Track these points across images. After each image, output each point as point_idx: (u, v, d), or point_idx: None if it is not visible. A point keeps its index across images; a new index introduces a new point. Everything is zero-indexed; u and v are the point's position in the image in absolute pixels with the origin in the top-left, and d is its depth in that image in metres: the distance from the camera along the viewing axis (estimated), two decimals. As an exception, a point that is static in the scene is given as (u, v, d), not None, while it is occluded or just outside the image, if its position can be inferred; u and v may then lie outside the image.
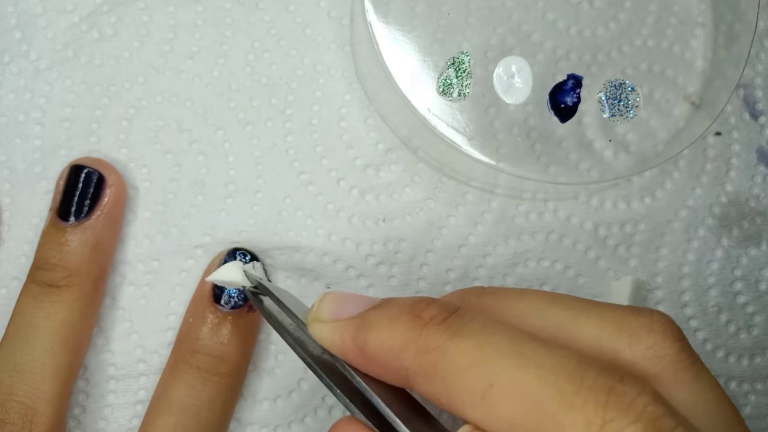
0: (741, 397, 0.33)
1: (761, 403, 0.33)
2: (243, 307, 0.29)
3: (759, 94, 0.34)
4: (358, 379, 0.21)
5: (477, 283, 0.32)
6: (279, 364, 0.31)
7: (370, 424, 0.20)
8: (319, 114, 0.33)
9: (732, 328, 0.33)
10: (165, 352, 0.31)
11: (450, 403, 0.18)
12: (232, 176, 0.33)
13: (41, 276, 0.29)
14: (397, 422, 0.19)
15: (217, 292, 0.29)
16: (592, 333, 0.20)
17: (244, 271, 0.28)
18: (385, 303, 0.21)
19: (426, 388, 0.19)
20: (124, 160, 0.32)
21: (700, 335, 0.33)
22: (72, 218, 0.29)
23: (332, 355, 0.22)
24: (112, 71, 0.33)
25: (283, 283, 0.32)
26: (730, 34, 0.32)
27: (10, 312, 0.29)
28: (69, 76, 0.33)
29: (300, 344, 0.23)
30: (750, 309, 0.33)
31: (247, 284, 0.28)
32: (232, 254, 0.30)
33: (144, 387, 0.31)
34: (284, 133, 0.33)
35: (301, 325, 0.23)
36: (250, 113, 0.33)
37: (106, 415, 0.31)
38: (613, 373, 0.17)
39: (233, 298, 0.29)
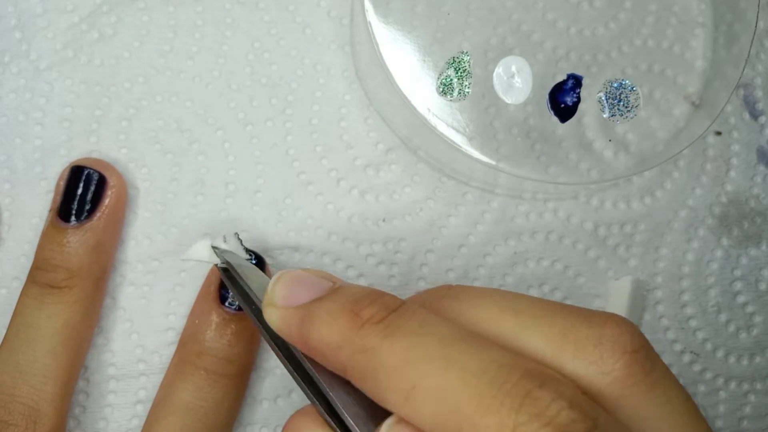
0: (741, 396, 0.33)
1: (761, 403, 0.33)
2: None
3: (759, 94, 0.34)
4: (308, 364, 0.21)
5: (477, 284, 0.32)
6: (279, 364, 0.31)
7: (323, 411, 0.20)
8: (319, 114, 0.33)
9: (732, 328, 0.33)
10: (165, 352, 0.31)
11: (381, 401, 0.19)
12: (232, 176, 0.33)
13: (42, 277, 0.29)
14: (339, 408, 0.20)
15: (223, 293, 0.29)
16: (538, 344, 0.20)
17: (213, 248, 0.28)
18: (330, 295, 0.21)
19: (360, 385, 0.19)
20: (124, 160, 0.32)
21: (700, 335, 0.33)
22: (73, 219, 0.29)
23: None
24: (112, 71, 0.33)
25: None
26: (730, 34, 0.32)
27: (10, 312, 0.29)
28: (69, 76, 0.33)
29: (264, 325, 0.23)
30: (750, 309, 0.33)
31: (216, 261, 0.27)
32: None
33: (144, 387, 0.31)
34: (284, 133, 0.33)
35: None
36: (250, 113, 0.33)
37: (106, 414, 0.31)
38: (534, 378, 0.17)
39: None
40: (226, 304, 0.29)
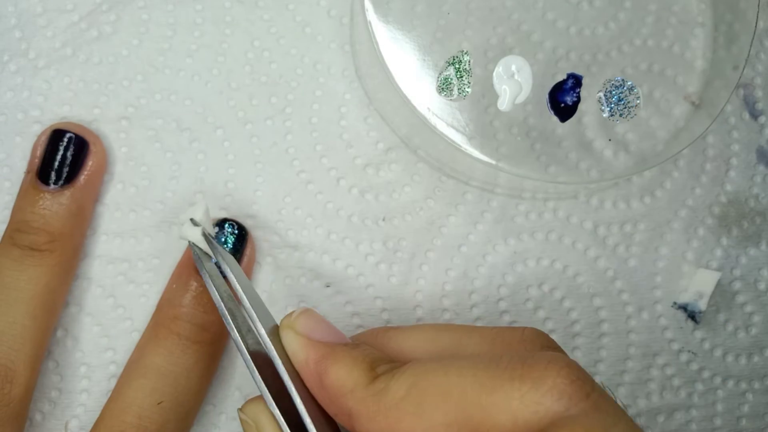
0: (739, 396, 0.33)
1: (759, 403, 0.33)
2: None
3: (759, 93, 0.34)
4: (290, 384, 0.23)
5: (477, 282, 0.32)
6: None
7: (278, 414, 0.23)
8: (319, 113, 0.33)
9: (730, 328, 0.33)
10: (165, 351, 0.31)
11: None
12: (232, 174, 0.33)
13: (23, 239, 0.29)
14: (304, 414, 0.22)
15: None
16: (473, 348, 0.24)
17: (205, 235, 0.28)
18: (351, 345, 0.23)
19: (368, 426, 0.21)
20: (123, 159, 0.32)
21: (698, 334, 0.33)
22: (54, 182, 0.29)
23: (273, 353, 0.24)
24: (111, 69, 0.33)
25: (282, 282, 0.32)
26: (730, 34, 0.32)
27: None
28: (67, 74, 0.33)
29: (232, 315, 0.25)
30: (749, 308, 0.33)
31: (203, 246, 0.28)
32: (220, 224, 0.30)
33: (144, 385, 0.31)
34: (284, 131, 0.33)
35: (248, 309, 0.25)
36: (249, 112, 0.33)
37: (106, 413, 0.31)
38: (524, 352, 0.21)
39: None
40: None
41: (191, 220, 0.28)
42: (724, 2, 0.32)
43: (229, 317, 0.25)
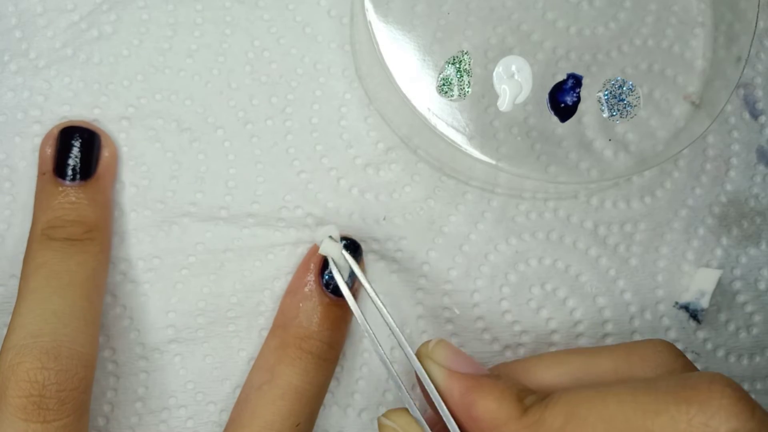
0: (740, 396, 0.33)
1: (761, 403, 0.32)
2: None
3: (759, 93, 0.34)
4: (441, 403, 0.24)
5: (479, 282, 0.32)
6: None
7: (427, 429, 0.24)
8: (319, 113, 0.33)
9: (731, 328, 0.33)
10: (165, 349, 0.31)
11: None
12: (232, 174, 0.33)
13: (59, 233, 0.29)
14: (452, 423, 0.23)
15: (327, 279, 0.29)
16: (607, 365, 0.24)
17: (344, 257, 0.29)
18: (494, 376, 0.24)
19: None
20: (123, 158, 0.32)
21: (701, 334, 0.33)
22: (82, 177, 0.30)
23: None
24: (111, 69, 0.33)
25: (284, 281, 0.32)
26: (730, 34, 0.32)
27: (9, 309, 0.29)
28: (67, 74, 0.33)
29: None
30: (749, 308, 0.33)
31: (345, 270, 0.29)
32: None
33: (144, 384, 0.31)
34: (284, 131, 0.33)
35: (393, 329, 0.26)
36: (249, 112, 0.33)
37: (106, 412, 0.31)
38: (679, 375, 0.21)
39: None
40: (330, 290, 0.29)
41: (330, 237, 0.29)
42: (724, 2, 0.32)
43: (374, 336, 0.26)
